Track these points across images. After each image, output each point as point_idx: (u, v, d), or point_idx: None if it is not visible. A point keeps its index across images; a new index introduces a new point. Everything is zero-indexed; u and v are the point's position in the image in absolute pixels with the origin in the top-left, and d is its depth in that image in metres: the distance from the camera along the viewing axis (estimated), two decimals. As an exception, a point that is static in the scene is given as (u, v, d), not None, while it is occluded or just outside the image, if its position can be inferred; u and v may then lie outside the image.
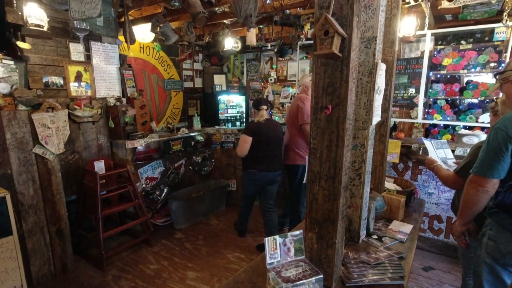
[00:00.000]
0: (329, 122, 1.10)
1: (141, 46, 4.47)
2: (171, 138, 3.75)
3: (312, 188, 1.19)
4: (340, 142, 1.08)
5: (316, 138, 1.14)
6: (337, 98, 1.06)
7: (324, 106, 1.09)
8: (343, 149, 1.08)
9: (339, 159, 1.10)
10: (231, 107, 5.43)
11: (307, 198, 1.23)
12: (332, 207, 1.15)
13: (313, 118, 1.13)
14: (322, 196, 1.17)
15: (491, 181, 1.40)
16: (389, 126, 1.97)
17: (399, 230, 1.76)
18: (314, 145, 1.15)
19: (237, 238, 3.60)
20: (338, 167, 1.11)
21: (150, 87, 4.78)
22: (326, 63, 1.07)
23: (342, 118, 1.07)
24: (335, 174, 1.12)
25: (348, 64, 1.03)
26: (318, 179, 1.17)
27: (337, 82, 1.06)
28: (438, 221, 3.21)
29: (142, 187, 3.49)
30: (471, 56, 3.60)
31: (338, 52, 1.00)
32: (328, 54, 1.00)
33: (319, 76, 1.09)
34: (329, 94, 1.08)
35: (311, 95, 1.13)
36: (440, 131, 4.15)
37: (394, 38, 1.80)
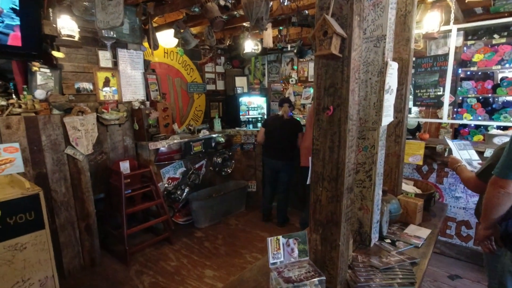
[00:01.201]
0: (331, 123, 1.10)
1: (165, 51, 4.66)
2: (192, 139, 3.87)
3: (315, 189, 1.19)
4: (342, 143, 1.08)
5: (318, 139, 1.14)
6: (339, 99, 1.06)
7: (326, 107, 1.09)
8: (345, 150, 1.08)
9: (341, 160, 1.09)
10: (252, 108, 5.48)
11: (310, 199, 1.23)
12: (336, 208, 1.15)
13: (316, 119, 1.14)
14: (325, 197, 1.17)
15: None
16: (405, 127, 1.91)
17: (415, 234, 1.70)
18: (317, 146, 1.15)
19: (255, 239, 3.63)
20: (340, 168, 1.10)
21: (174, 90, 4.96)
22: (327, 64, 1.07)
23: (343, 119, 1.06)
24: (338, 176, 1.11)
25: (349, 64, 1.02)
26: (321, 180, 1.17)
27: (338, 82, 1.05)
28: (466, 227, 3.03)
29: (164, 186, 3.63)
30: (505, 51, 3.36)
31: (338, 53, 1.00)
32: (327, 55, 1.00)
33: (321, 77, 1.10)
34: (330, 95, 1.08)
35: (313, 96, 1.13)
36: (471, 131, 3.91)
37: (410, 36, 1.74)
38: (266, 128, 3.71)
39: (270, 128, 3.65)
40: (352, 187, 1.18)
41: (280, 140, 3.57)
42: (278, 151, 3.59)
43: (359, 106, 1.49)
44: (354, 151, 1.15)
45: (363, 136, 1.49)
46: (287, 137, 3.55)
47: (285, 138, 3.56)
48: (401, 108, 1.82)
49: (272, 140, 3.64)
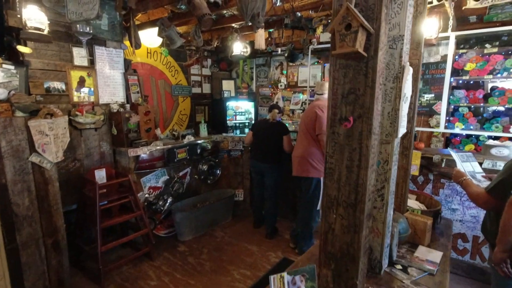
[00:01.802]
0: (349, 137, 0.90)
1: (149, 51, 4.38)
2: (176, 145, 3.60)
3: (328, 216, 0.99)
4: (364, 163, 0.88)
5: (333, 156, 0.94)
6: (360, 108, 0.87)
7: (344, 118, 0.90)
8: (367, 170, 0.88)
9: (361, 182, 0.90)
10: (240, 113, 5.27)
11: (321, 228, 1.02)
12: (353, 240, 0.95)
13: (330, 132, 0.94)
14: (340, 226, 0.97)
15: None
16: (413, 138, 1.76)
17: (427, 258, 1.53)
18: (331, 165, 0.95)
19: (242, 252, 3.39)
20: (360, 193, 0.91)
21: (157, 93, 4.68)
22: (347, 65, 0.88)
23: (366, 132, 0.87)
24: (357, 201, 0.92)
25: (375, 66, 0.83)
26: (336, 206, 0.97)
27: (360, 88, 0.86)
28: (462, 240, 2.93)
29: (144, 197, 3.34)
30: (497, 60, 3.33)
31: (363, 51, 0.81)
32: (349, 54, 0.81)
33: (338, 81, 0.90)
34: (350, 103, 0.88)
35: (328, 105, 0.93)
36: (462, 140, 3.86)
37: (420, 39, 1.59)
38: (253, 131, 3.72)
39: (257, 131, 3.68)
40: (371, 213, 0.99)
41: (265, 142, 3.59)
42: (263, 153, 3.60)
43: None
44: (376, 172, 0.96)
45: (375, 150, 1.30)
46: (272, 140, 3.55)
47: (270, 140, 3.57)
48: (410, 117, 1.66)
49: (258, 142, 3.67)
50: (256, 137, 3.67)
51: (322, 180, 1.00)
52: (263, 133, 3.60)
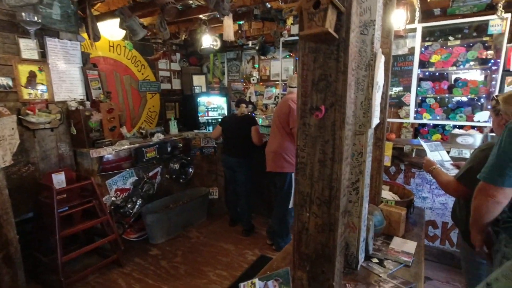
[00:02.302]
0: (321, 128, 0.82)
1: (111, 44, 4.09)
2: (144, 144, 3.40)
3: (301, 215, 0.91)
4: (338, 155, 0.81)
5: (304, 149, 0.86)
6: (332, 96, 0.79)
7: (315, 107, 0.81)
8: (341, 164, 0.81)
9: (336, 177, 0.82)
10: (212, 109, 5.11)
11: (294, 228, 0.94)
12: (328, 239, 0.88)
13: (301, 124, 0.85)
14: (314, 225, 0.89)
15: (503, 190, 1.22)
16: (385, 129, 1.73)
17: (402, 250, 1.51)
18: (303, 159, 0.87)
19: (219, 253, 3.28)
20: (335, 188, 0.83)
21: (123, 89, 4.40)
22: (317, 49, 0.79)
23: (339, 122, 0.79)
24: (331, 197, 0.84)
25: (347, 49, 0.75)
26: (309, 204, 0.89)
27: (331, 74, 0.78)
28: (433, 227, 3.02)
29: (111, 200, 3.12)
30: (459, 52, 3.45)
31: (334, 32, 0.73)
32: (319, 35, 0.72)
33: (308, 67, 0.82)
34: (321, 90, 0.80)
35: (297, 93, 0.85)
36: (430, 130, 4.00)
37: (390, 28, 1.55)
38: (222, 126, 3.63)
39: (226, 126, 3.60)
40: (346, 210, 0.92)
41: (235, 137, 3.53)
42: (233, 148, 3.54)
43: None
44: (350, 164, 0.89)
45: (349, 142, 1.24)
46: (241, 134, 3.49)
47: (239, 135, 3.50)
48: (382, 108, 1.63)
49: (228, 137, 3.62)
50: (226, 132, 3.59)
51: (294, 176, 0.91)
52: (232, 128, 3.53)
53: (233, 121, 3.51)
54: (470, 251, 1.63)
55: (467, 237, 1.61)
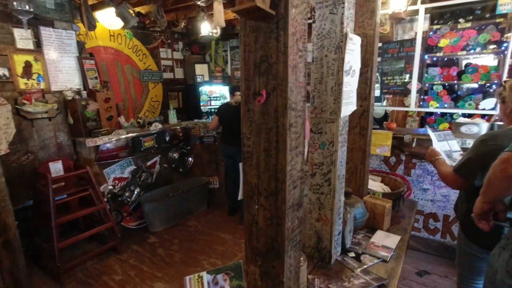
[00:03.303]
0: (265, 114, 0.76)
1: (111, 33, 4.08)
2: (142, 134, 3.41)
3: (250, 207, 0.86)
4: (281, 144, 0.75)
5: (250, 138, 0.81)
6: (274, 79, 0.72)
7: (257, 92, 0.75)
8: (285, 153, 0.75)
9: (281, 167, 0.77)
10: (214, 98, 5.07)
11: (245, 221, 0.90)
12: (277, 233, 0.83)
13: (245, 110, 0.80)
14: (263, 218, 0.85)
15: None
16: (371, 117, 1.64)
17: (383, 244, 1.44)
18: (249, 148, 0.82)
19: (215, 242, 3.30)
20: (280, 179, 0.78)
21: (125, 79, 4.41)
22: (257, 28, 0.73)
23: (281, 108, 0.73)
24: (277, 189, 0.79)
25: (286, 27, 0.68)
26: (257, 195, 0.84)
27: (272, 55, 0.72)
28: (434, 220, 2.91)
29: (108, 189, 3.17)
30: (470, 35, 3.23)
31: (269, 8, 0.66)
32: (252, 10, 0.65)
33: (249, 48, 0.75)
34: (263, 73, 0.74)
35: (241, 76, 0.79)
36: (437, 119, 3.82)
37: (375, 7, 1.44)
38: (219, 116, 3.59)
39: (222, 115, 3.57)
40: (300, 202, 0.87)
41: (232, 125, 3.51)
42: (232, 137, 3.52)
43: (315, 92, 1.17)
44: (302, 153, 0.83)
45: (320, 130, 1.17)
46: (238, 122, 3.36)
47: (237, 123, 3.46)
48: (366, 95, 1.54)
49: (225, 126, 3.61)
50: (223, 122, 3.57)
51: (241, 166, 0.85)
52: (228, 117, 3.50)
53: (229, 110, 3.47)
54: (466, 243, 1.56)
55: (466, 228, 1.57)
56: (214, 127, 3.71)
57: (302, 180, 0.85)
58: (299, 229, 0.90)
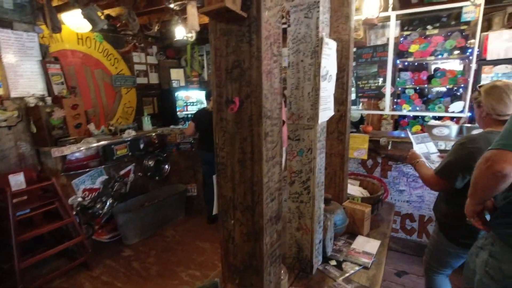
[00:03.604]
0: (238, 123, 0.71)
1: (79, 36, 3.88)
2: (114, 142, 3.25)
3: (225, 222, 0.81)
4: (257, 155, 0.70)
5: (224, 148, 0.75)
6: (247, 86, 0.68)
7: (230, 100, 0.70)
8: (261, 164, 0.70)
9: (257, 179, 0.72)
10: (191, 104, 4.96)
11: (220, 236, 0.84)
12: (254, 249, 0.77)
13: (218, 119, 0.74)
14: (239, 233, 0.79)
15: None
16: (349, 122, 1.63)
17: (364, 250, 1.43)
18: (223, 159, 0.76)
19: (194, 251, 3.19)
20: (257, 192, 0.73)
21: (95, 84, 4.20)
22: (228, 31, 0.68)
23: (256, 117, 0.68)
24: (254, 203, 0.74)
25: (259, 30, 0.64)
26: (233, 210, 0.78)
27: (245, 60, 0.67)
28: (410, 220, 2.98)
29: (77, 201, 2.98)
30: (438, 41, 3.37)
31: (240, 10, 0.61)
32: (221, 12, 0.60)
33: (220, 52, 0.70)
34: (235, 79, 0.69)
35: (212, 83, 0.73)
36: (410, 122, 3.94)
37: (350, 12, 1.44)
38: (195, 122, 3.53)
39: (199, 122, 3.51)
40: (279, 215, 0.82)
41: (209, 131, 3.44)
42: (209, 142, 3.42)
43: (291, 98, 1.13)
44: (279, 163, 0.79)
45: (297, 137, 1.14)
46: None
47: None
48: (343, 99, 1.53)
49: (203, 133, 3.56)
50: (200, 128, 3.50)
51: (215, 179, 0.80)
52: (205, 122, 3.43)
53: (206, 116, 3.40)
54: (445, 242, 1.62)
55: (445, 229, 1.63)
56: (191, 133, 3.62)
57: (280, 192, 0.80)
58: (278, 243, 0.85)
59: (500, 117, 1.42)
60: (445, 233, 1.63)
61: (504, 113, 1.40)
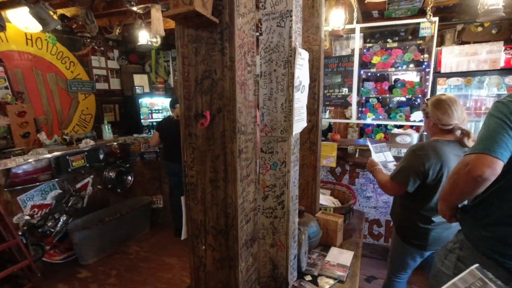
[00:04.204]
0: (210, 140, 0.64)
1: (29, 37, 3.54)
2: (69, 152, 2.97)
3: (196, 247, 0.72)
4: (231, 174, 0.63)
5: (193, 167, 0.67)
6: (220, 99, 0.61)
7: (200, 113, 0.63)
8: (235, 184, 0.63)
9: (231, 201, 0.64)
10: (156, 111, 4.74)
11: (190, 263, 0.75)
12: (229, 277, 0.70)
13: (186, 134, 0.66)
14: (212, 260, 0.71)
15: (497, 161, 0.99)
16: (320, 132, 1.63)
17: (338, 262, 1.41)
18: (192, 179, 0.68)
19: (160, 268, 2.99)
20: (231, 215, 0.65)
21: (47, 89, 3.85)
22: (198, 38, 0.61)
23: (229, 132, 0.61)
24: (228, 226, 0.66)
25: (232, 38, 0.58)
26: (204, 234, 0.70)
27: (217, 70, 0.60)
28: (377, 226, 3.07)
29: (24, 219, 2.65)
30: (397, 54, 3.57)
31: (212, 15, 0.54)
32: (190, 16, 0.53)
33: (189, 61, 0.63)
34: (206, 92, 0.62)
35: (179, 94, 0.65)
36: (374, 129, 4.10)
37: (320, 22, 1.44)
38: (159, 131, 3.36)
39: (164, 131, 3.36)
40: (254, 236, 0.75)
41: (175, 141, 3.37)
42: (174, 153, 3.29)
43: (264, 109, 1.08)
44: (254, 182, 0.72)
45: (270, 150, 1.09)
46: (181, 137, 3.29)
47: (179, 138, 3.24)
48: (315, 109, 1.52)
49: (167, 142, 3.40)
50: (165, 137, 3.35)
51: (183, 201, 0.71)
52: (170, 132, 3.29)
53: (171, 125, 3.25)
54: (401, 244, 1.74)
55: (400, 231, 1.76)
56: (155, 143, 3.44)
57: (255, 212, 0.74)
58: (254, 266, 0.78)
59: (444, 127, 1.56)
60: (401, 235, 1.74)
61: (448, 123, 1.54)
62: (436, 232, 1.59)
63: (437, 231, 1.59)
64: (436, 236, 1.60)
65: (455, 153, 1.52)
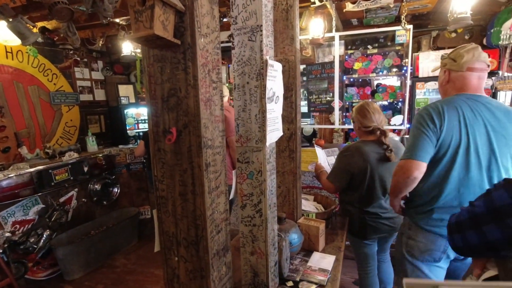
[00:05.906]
0: (178, 155, 0.66)
1: (8, 50, 3.49)
2: (52, 166, 2.93)
3: (168, 259, 0.74)
4: (199, 187, 0.66)
5: (163, 181, 0.69)
6: (185, 115, 0.64)
7: (167, 130, 0.65)
8: (204, 196, 0.66)
9: (200, 213, 0.67)
10: (142, 121, 4.72)
11: (164, 274, 0.76)
12: (201, 287, 0.71)
13: (155, 150, 0.68)
14: (184, 271, 0.73)
15: None
16: (299, 139, 1.67)
17: (320, 267, 1.44)
18: (163, 193, 0.70)
19: (148, 281, 2.95)
20: (201, 226, 0.68)
21: (29, 102, 3.79)
22: (162, 58, 0.64)
23: (195, 147, 0.64)
24: (198, 237, 0.69)
25: (195, 58, 0.61)
26: (176, 246, 0.72)
27: (181, 88, 0.63)
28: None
29: (5, 236, 2.59)
30: (378, 60, 3.67)
31: (172, 37, 0.57)
32: (151, 39, 0.56)
33: (155, 80, 0.65)
34: (172, 109, 0.65)
35: (148, 112, 0.68)
36: (358, 134, 4.20)
37: (294, 34, 1.49)
38: (146, 140, 3.32)
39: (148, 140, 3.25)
40: (226, 246, 0.78)
41: None
42: None
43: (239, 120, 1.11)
44: (224, 193, 0.75)
45: (246, 160, 1.11)
46: None
47: None
48: (293, 118, 1.56)
49: None
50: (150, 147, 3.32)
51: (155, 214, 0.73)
52: None
53: None
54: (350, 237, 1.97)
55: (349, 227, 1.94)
56: (140, 152, 3.39)
57: (227, 222, 0.76)
58: (228, 275, 0.80)
59: (366, 129, 1.80)
60: (349, 230, 1.92)
61: (367, 125, 1.79)
62: (372, 221, 1.83)
63: (374, 220, 1.83)
64: (373, 226, 1.83)
65: (375, 151, 1.76)
